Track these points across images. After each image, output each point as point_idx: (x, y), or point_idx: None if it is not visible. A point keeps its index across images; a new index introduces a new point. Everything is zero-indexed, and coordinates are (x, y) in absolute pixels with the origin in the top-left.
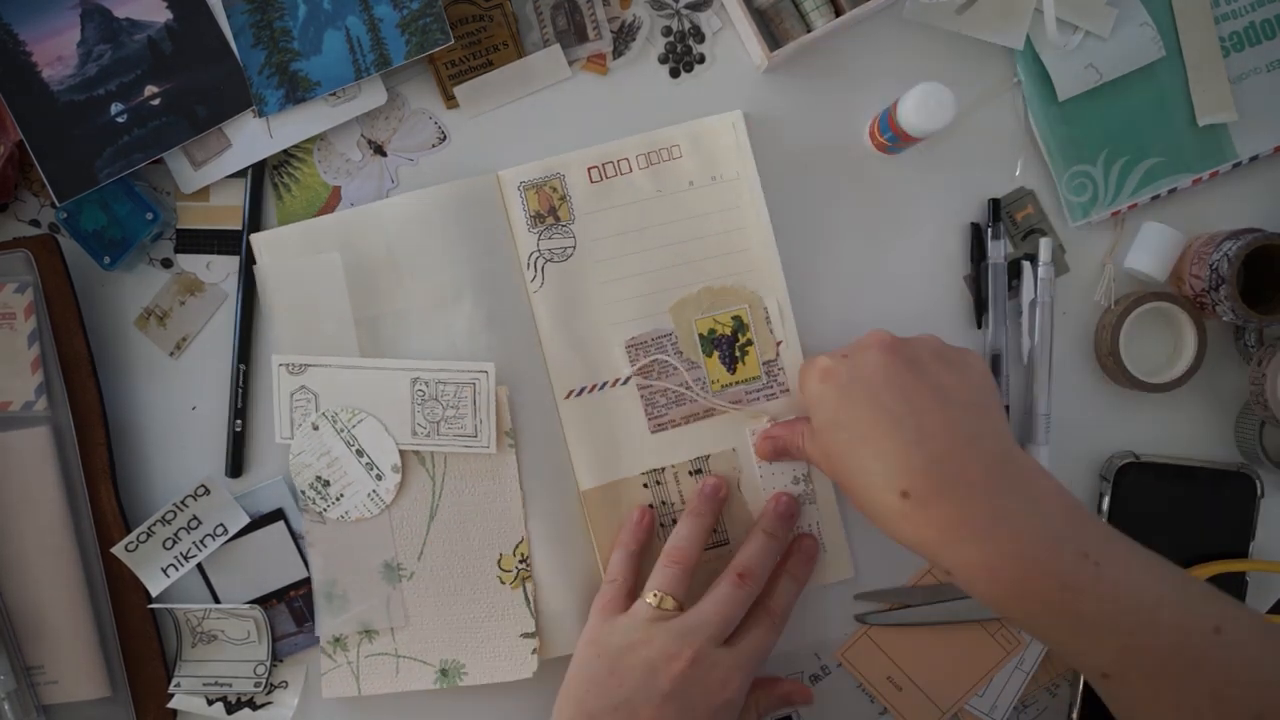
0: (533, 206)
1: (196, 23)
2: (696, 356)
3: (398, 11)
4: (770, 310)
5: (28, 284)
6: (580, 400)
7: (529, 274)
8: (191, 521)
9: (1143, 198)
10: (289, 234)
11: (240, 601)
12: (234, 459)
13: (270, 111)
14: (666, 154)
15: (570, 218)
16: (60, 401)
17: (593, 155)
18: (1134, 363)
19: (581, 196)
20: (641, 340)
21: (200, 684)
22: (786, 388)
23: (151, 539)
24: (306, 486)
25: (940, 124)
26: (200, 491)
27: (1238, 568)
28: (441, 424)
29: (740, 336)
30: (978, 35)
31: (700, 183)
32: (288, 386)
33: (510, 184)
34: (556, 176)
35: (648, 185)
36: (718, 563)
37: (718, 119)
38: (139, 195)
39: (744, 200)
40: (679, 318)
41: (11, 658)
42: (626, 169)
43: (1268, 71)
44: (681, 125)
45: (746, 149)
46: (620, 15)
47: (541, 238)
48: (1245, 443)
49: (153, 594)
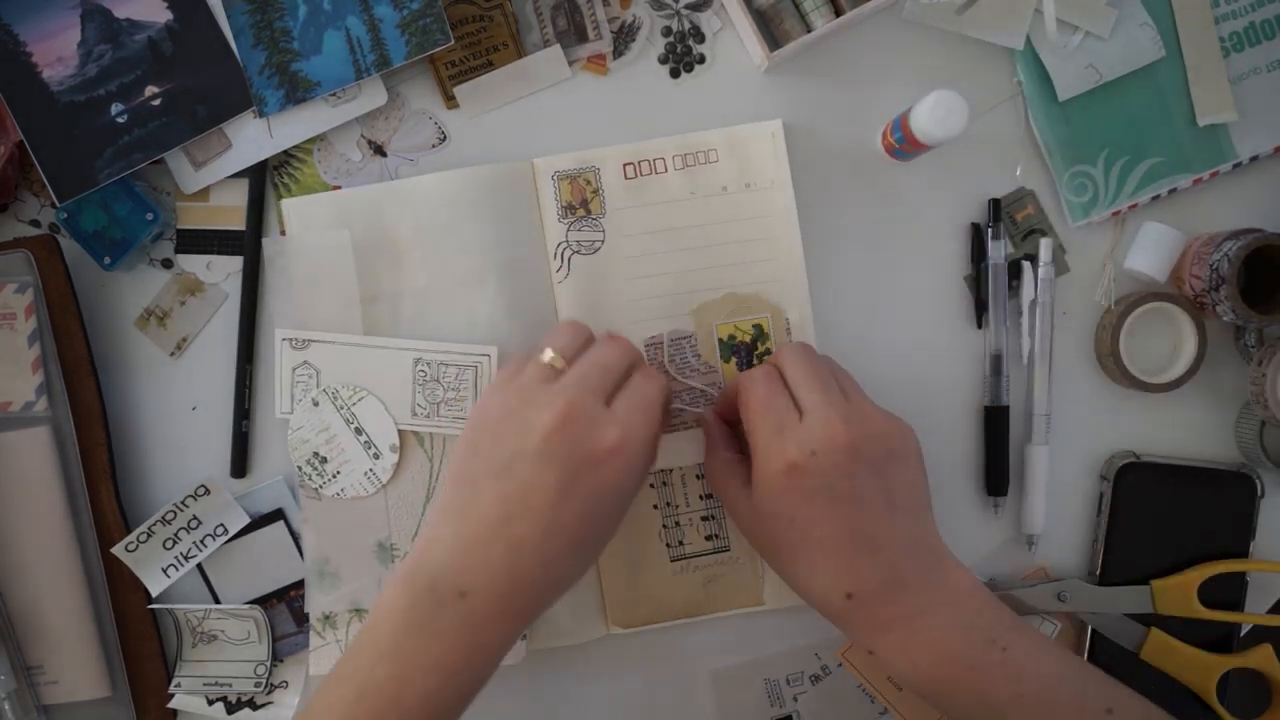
0: (565, 197)
1: (197, 23)
2: (715, 361)
3: (398, 12)
4: (792, 321)
5: (28, 284)
6: None
7: (555, 264)
8: (191, 522)
9: (1143, 198)
10: (320, 202)
11: (240, 601)
12: (238, 459)
13: (270, 112)
14: (703, 157)
15: (601, 211)
16: (60, 401)
17: (629, 152)
18: (1134, 363)
19: (614, 191)
20: (661, 340)
21: (200, 684)
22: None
23: (152, 539)
24: (304, 462)
25: (953, 133)
26: (200, 492)
27: (1238, 567)
28: (442, 405)
29: (759, 345)
30: (978, 35)
31: (734, 189)
32: (289, 361)
33: (544, 173)
34: (591, 170)
35: (681, 186)
36: (716, 568)
37: (756, 127)
38: (139, 195)
39: (776, 210)
40: (700, 321)
41: (11, 658)
42: (662, 168)
43: (1268, 71)
44: (720, 130)
45: (784, 159)
46: (620, 15)
47: (571, 229)
48: (1245, 443)
49: (153, 594)
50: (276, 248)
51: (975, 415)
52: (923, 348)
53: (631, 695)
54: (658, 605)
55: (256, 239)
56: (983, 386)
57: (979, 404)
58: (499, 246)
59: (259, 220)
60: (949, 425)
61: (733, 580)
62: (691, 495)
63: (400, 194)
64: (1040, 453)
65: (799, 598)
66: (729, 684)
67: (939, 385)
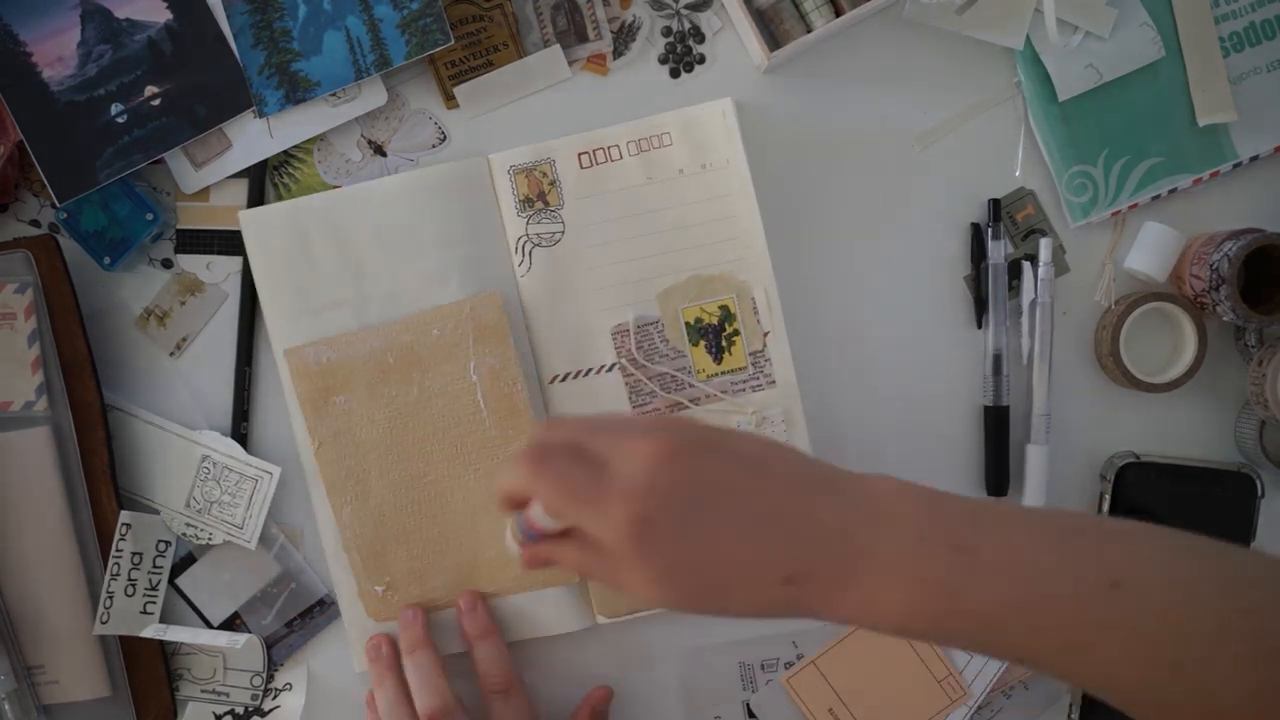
0: (522, 191)
1: (196, 23)
2: (683, 345)
3: (398, 12)
4: (758, 300)
5: (28, 284)
6: (565, 385)
7: (517, 258)
8: (134, 558)
9: (1143, 198)
10: (275, 212)
11: (227, 611)
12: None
13: (270, 112)
14: (657, 141)
15: (559, 203)
16: (60, 401)
17: (583, 141)
18: (1134, 363)
19: (571, 182)
20: (628, 327)
21: (199, 690)
22: (773, 379)
23: (115, 599)
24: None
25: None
26: (124, 530)
27: None
28: (215, 506)
29: (727, 326)
30: (978, 35)
31: (690, 170)
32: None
33: (500, 168)
34: (546, 161)
35: (638, 172)
36: None
37: (707, 106)
38: (139, 196)
39: (734, 189)
40: (666, 306)
41: (11, 658)
42: (617, 155)
43: (1268, 71)
44: (672, 112)
45: (736, 136)
46: (620, 15)
47: (530, 222)
48: (1245, 442)
49: (153, 636)
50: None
51: (975, 415)
52: (923, 348)
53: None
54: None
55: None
56: (983, 386)
57: (979, 404)
58: (459, 244)
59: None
60: (949, 425)
61: None
62: None
63: (357, 198)
64: (1040, 453)
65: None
66: (700, 664)
67: (939, 385)
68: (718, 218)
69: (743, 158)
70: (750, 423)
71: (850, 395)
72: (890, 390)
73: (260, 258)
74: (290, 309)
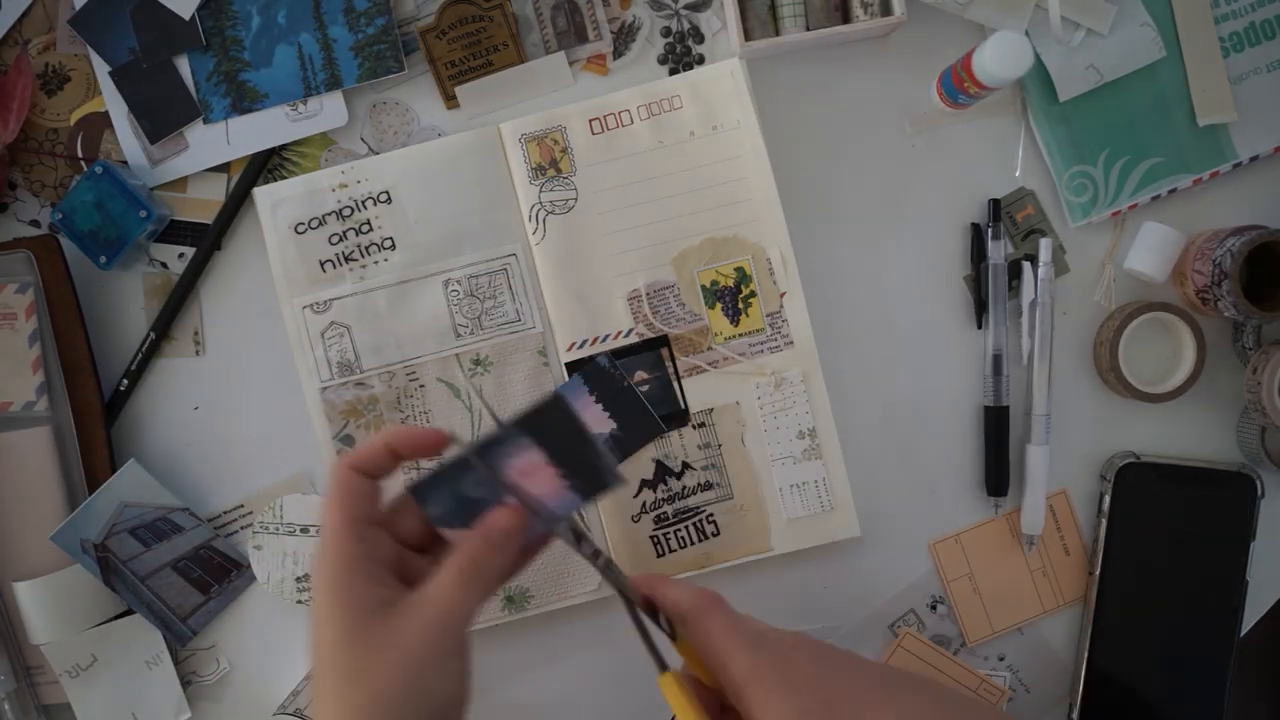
0: (534, 159)
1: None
2: (699, 309)
3: (353, 35)
4: (774, 260)
5: (29, 284)
6: (582, 352)
7: (530, 226)
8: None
9: (1143, 198)
10: (292, 187)
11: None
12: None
13: (216, 119)
14: (667, 104)
15: (571, 170)
16: (61, 401)
17: (593, 107)
18: (1134, 373)
19: (583, 148)
20: (643, 292)
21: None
22: (791, 340)
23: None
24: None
25: (1016, 73)
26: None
27: None
28: (483, 317)
29: (743, 288)
30: (981, 20)
31: (701, 133)
32: (315, 326)
33: (511, 136)
34: (557, 129)
35: (649, 136)
36: (721, 518)
37: (716, 67)
38: (132, 193)
39: (745, 149)
40: (681, 269)
41: (11, 658)
42: (628, 120)
43: (1268, 71)
44: (681, 76)
45: (746, 96)
46: (620, 16)
47: (543, 190)
48: (1247, 444)
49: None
50: (268, 200)
51: (975, 415)
52: (923, 348)
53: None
54: (664, 560)
55: (220, 231)
56: (983, 386)
57: (979, 404)
58: (472, 213)
59: (233, 218)
60: (949, 425)
61: (738, 528)
62: (689, 447)
63: (370, 169)
64: (1040, 453)
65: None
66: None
67: (939, 385)
68: (730, 179)
69: (753, 118)
70: (770, 384)
71: (851, 395)
72: (891, 390)
73: (274, 235)
74: (301, 280)
